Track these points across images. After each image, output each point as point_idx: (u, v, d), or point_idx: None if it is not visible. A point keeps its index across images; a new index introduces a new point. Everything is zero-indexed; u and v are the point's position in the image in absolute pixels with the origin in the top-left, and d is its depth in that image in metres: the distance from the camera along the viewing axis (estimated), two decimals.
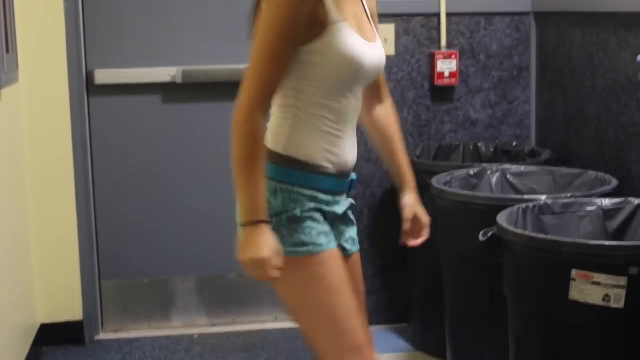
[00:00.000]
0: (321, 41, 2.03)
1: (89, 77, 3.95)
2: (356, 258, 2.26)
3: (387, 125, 2.35)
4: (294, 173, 2.09)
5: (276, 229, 2.03)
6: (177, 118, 4.06)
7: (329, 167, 2.12)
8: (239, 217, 2.03)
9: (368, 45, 2.11)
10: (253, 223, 2.00)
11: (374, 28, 2.20)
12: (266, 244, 1.99)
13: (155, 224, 4.09)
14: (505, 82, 4.05)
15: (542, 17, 3.96)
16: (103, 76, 3.95)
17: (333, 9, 2.04)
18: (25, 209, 3.75)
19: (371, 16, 2.22)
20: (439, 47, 3.97)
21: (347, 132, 2.15)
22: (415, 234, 2.37)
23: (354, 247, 2.24)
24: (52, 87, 3.82)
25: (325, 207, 2.11)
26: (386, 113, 2.36)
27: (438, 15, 3.96)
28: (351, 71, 2.08)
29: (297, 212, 2.06)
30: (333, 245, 2.10)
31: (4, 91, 3.33)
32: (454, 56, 3.94)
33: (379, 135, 2.36)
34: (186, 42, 4.00)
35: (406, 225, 2.35)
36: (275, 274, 2.00)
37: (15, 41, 3.57)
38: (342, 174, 2.16)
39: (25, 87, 3.77)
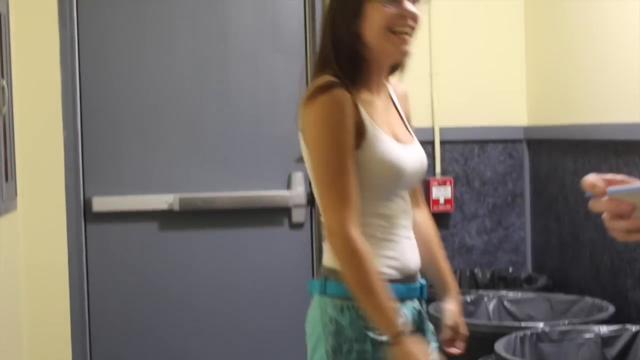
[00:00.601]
0: (361, 151, 2.07)
1: (87, 204, 3.97)
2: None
3: (427, 230, 2.35)
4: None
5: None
6: (174, 246, 4.06)
7: (393, 272, 2.12)
8: (385, 336, 2.02)
9: (405, 147, 2.15)
10: (398, 335, 1.99)
11: (410, 131, 2.25)
12: (420, 351, 1.99)
13: (152, 351, 4.05)
14: (500, 208, 4.09)
15: (534, 144, 4.02)
16: (101, 203, 3.98)
17: (367, 118, 2.09)
18: (20, 338, 3.72)
19: (406, 119, 2.27)
20: (434, 174, 4.02)
21: (402, 235, 2.17)
22: (453, 342, 2.34)
23: (433, 342, 2.23)
24: (50, 214, 3.83)
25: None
26: (424, 218, 2.37)
27: (432, 142, 4.02)
28: (393, 176, 2.11)
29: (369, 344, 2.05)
30: None
31: (2, 219, 3.34)
32: (448, 183, 3.98)
33: (419, 239, 2.32)
34: (183, 169, 4.04)
35: (446, 333, 2.32)
36: None
37: (15, 169, 3.61)
38: (407, 278, 2.15)
39: (23, 214, 3.79)
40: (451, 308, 2.34)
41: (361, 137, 2.07)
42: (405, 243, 2.17)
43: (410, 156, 2.15)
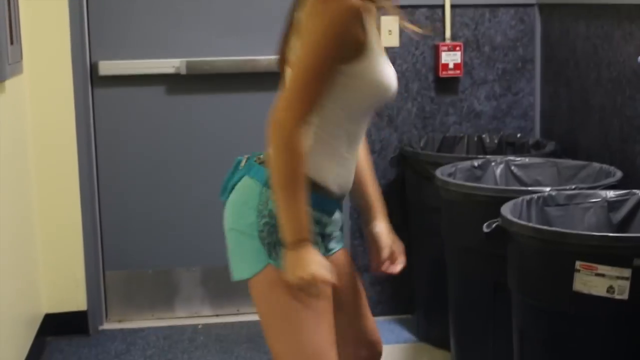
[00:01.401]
0: (359, 65, 2.02)
1: (93, 68, 3.95)
2: (340, 255, 2.23)
3: (361, 153, 2.29)
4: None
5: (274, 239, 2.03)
6: (180, 109, 4.06)
7: (336, 190, 2.12)
8: (284, 237, 2.00)
9: (393, 70, 2.12)
10: (298, 242, 1.98)
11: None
12: (313, 260, 1.97)
13: (159, 214, 4.09)
14: (510, 73, 4.05)
15: (547, 9, 3.95)
16: (107, 67, 3.95)
17: (371, 39, 2.04)
18: (29, 200, 3.75)
19: None
20: (443, 39, 3.97)
21: (355, 155, 2.16)
22: (394, 260, 2.34)
23: (338, 245, 2.22)
24: (56, 78, 3.82)
25: (324, 230, 2.12)
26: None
27: (442, 7, 3.95)
28: (380, 96, 2.09)
29: None
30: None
31: (8, 82, 3.33)
32: (458, 48, 3.94)
33: None
34: (190, 33, 3.99)
35: (385, 253, 2.31)
36: (327, 286, 2.01)
37: (20, 32, 3.57)
38: (342, 196, 2.16)
39: (29, 78, 3.77)
40: (384, 230, 2.32)
41: (358, 54, 2.01)
42: (353, 164, 2.16)
43: (395, 80, 2.12)
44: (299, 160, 1.98)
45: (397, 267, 2.35)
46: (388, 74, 2.08)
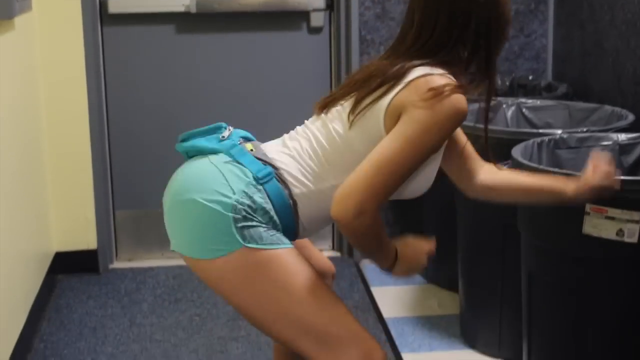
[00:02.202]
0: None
1: (103, 5, 3.92)
2: None
3: (509, 178, 2.31)
4: (286, 211, 2.03)
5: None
6: (190, 48, 4.04)
7: (303, 227, 2.09)
8: (385, 267, 2.05)
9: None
10: (394, 259, 2.03)
11: None
12: (411, 258, 2.05)
13: (168, 153, 4.07)
14: (522, 15, 4.01)
15: None
16: (116, 5, 3.93)
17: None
18: (39, 140, 3.75)
19: None
20: None
21: None
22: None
23: None
24: (65, 15, 3.80)
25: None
26: (493, 171, 2.34)
27: None
28: (419, 191, 2.13)
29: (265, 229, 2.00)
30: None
31: (17, 19, 3.31)
32: None
33: (511, 191, 2.30)
34: None
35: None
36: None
37: None
38: (298, 233, 2.13)
39: (39, 15, 3.75)
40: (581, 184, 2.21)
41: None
42: None
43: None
44: (380, 236, 1.98)
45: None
46: (429, 180, 2.10)
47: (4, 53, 3.12)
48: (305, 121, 2.19)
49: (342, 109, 2.08)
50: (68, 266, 3.94)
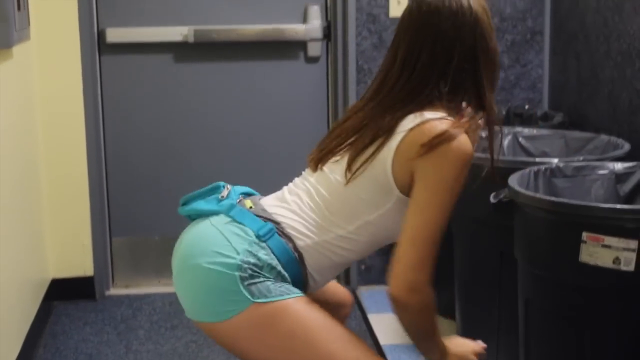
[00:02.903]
0: None
1: (101, 35, 3.94)
2: None
3: None
4: (293, 264, 2.04)
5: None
6: (188, 77, 4.05)
7: (314, 280, 2.11)
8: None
9: None
10: (446, 355, 2.10)
11: None
12: (463, 355, 2.14)
13: (165, 181, 4.10)
14: (519, 45, 4.04)
15: None
16: (114, 35, 3.95)
17: None
18: (36, 167, 3.76)
19: None
20: None
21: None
22: None
23: None
24: (64, 45, 3.82)
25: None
26: None
27: None
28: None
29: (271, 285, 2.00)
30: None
31: (16, 49, 3.33)
32: None
33: None
34: (198, 1, 3.98)
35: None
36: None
37: (27, 3, 3.56)
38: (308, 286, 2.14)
39: (37, 45, 3.77)
40: None
41: None
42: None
43: None
44: (432, 313, 2.02)
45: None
46: None
47: (2, 82, 3.13)
48: (303, 172, 2.20)
49: (340, 160, 2.09)
50: (64, 293, 3.93)
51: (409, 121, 2.00)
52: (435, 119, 1.99)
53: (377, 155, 2.02)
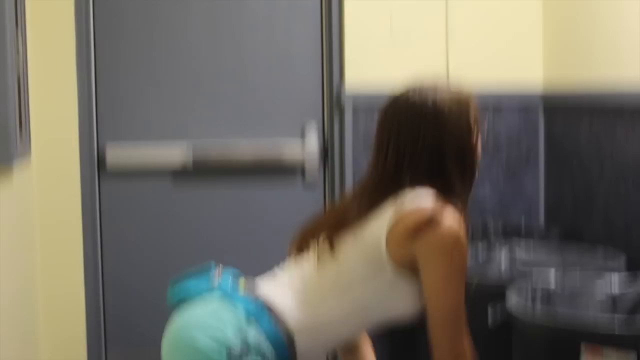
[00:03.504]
0: None
1: (100, 157, 3.98)
2: None
3: None
4: (281, 346, 2.04)
5: None
6: (186, 202, 4.06)
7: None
8: None
9: None
10: None
11: None
12: None
13: (163, 301, 4.06)
14: (514, 163, 4.07)
15: (550, 104, 4.00)
16: (114, 157, 3.98)
17: None
18: (32, 285, 3.74)
19: None
20: None
21: None
22: None
23: None
24: (63, 168, 3.85)
25: None
26: None
27: None
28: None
29: None
30: None
31: (16, 169, 3.35)
32: None
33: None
34: (198, 125, 4.03)
35: None
36: None
37: (29, 119, 3.61)
38: None
39: (37, 165, 3.80)
40: None
41: None
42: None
43: None
44: None
45: None
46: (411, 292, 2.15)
47: (2, 198, 3.15)
48: (292, 254, 2.24)
49: (327, 240, 2.13)
50: None
51: (397, 204, 2.06)
52: (422, 202, 2.05)
53: (367, 233, 2.07)
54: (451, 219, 2.04)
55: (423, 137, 2.10)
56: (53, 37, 3.82)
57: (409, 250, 2.03)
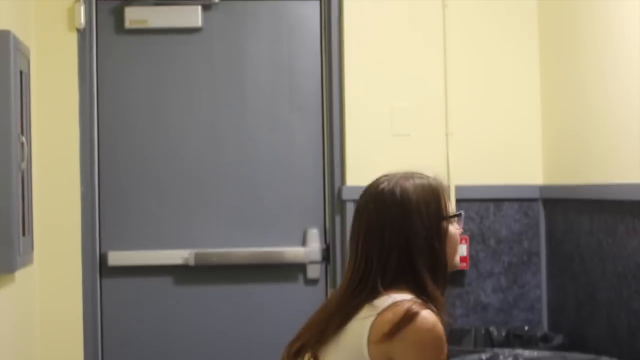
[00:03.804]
0: None
1: (102, 259, 3.99)
2: None
3: None
4: None
5: None
6: (189, 300, 4.06)
7: None
8: None
9: None
10: None
11: None
12: None
13: None
14: (516, 266, 4.07)
15: (550, 203, 4.02)
16: (116, 258, 3.99)
17: None
18: None
19: None
20: None
21: None
22: None
23: None
24: (65, 267, 3.87)
25: None
26: None
27: None
28: None
29: None
30: None
31: (18, 273, 3.36)
32: (464, 241, 3.98)
33: None
34: (198, 226, 4.05)
35: None
36: None
37: (32, 224, 3.63)
38: None
39: (39, 268, 3.80)
40: None
41: None
42: None
43: None
44: None
45: None
46: None
47: (2, 306, 3.15)
48: None
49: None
50: None
51: (376, 304, 2.04)
52: (398, 301, 2.03)
53: (348, 343, 2.05)
54: (426, 313, 2.02)
55: (390, 231, 2.08)
56: (57, 143, 3.88)
57: (388, 350, 2.00)
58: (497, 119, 4.10)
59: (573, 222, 3.76)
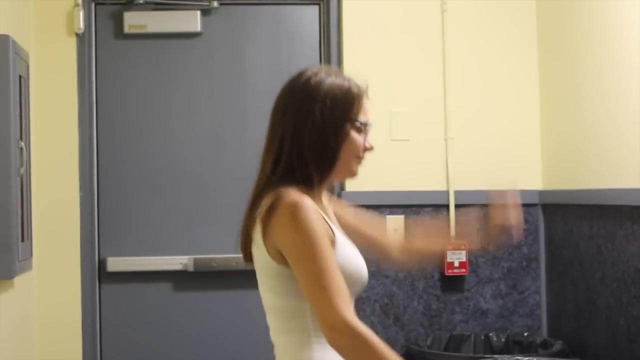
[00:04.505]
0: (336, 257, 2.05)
1: (101, 263, 3.99)
2: None
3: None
4: None
5: None
6: (188, 306, 4.06)
7: None
8: None
9: (360, 254, 2.17)
10: None
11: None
12: None
13: None
14: (515, 272, 4.07)
15: (550, 209, 4.02)
16: (115, 264, 3.99)
17: (332, 225, 2.11)
18: None
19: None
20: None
21: None
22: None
23: None
24: (64, 273, 3.86)
25: None
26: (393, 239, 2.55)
27: (447, 206, 4.02)
28: (357, 282, 2.12)
29: None
30: None
31: (17, 279, 3.36)
32: (463, 247, 3.97)
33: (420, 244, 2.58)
34: (198, 231, 4.05)
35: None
36: None
37: (31, 230, 3.63)
38: None
39: (38, 273, 3.80)
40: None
41: (333, 245, 2.06)
42: None
43: (364, 266, 2.16)
44: (378, 345, 1.92)
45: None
46: (357, 258, 2.14)
47: (1, 312, 3.14)
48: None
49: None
50: None
51: (263, 203, 2.09)
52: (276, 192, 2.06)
53: (255, 240, 2.12)
54: (291, 193, 2.03)
55: (290, 112, 2.13)
56: (56, 148, 3.88)
57: (272, 240, 2.05)
58: (497, 123, 4.10)
59: (572, 228, 3.76)
